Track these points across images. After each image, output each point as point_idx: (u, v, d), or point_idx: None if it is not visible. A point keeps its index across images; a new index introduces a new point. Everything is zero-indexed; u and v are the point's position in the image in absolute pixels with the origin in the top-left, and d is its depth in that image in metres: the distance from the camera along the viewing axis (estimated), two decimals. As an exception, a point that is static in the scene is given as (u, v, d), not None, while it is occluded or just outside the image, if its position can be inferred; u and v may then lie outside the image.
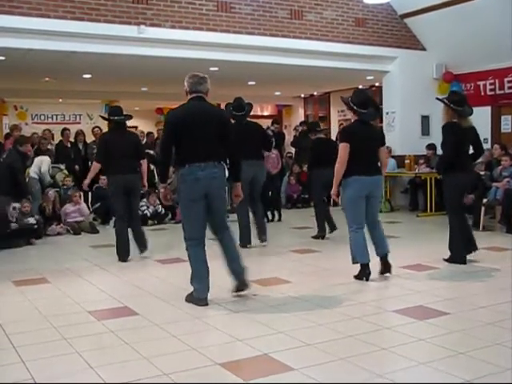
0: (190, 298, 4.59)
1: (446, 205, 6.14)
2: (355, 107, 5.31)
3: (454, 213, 5.96)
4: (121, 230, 6.48)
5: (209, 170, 4.45)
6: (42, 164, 9.09)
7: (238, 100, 7.11)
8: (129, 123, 6.94)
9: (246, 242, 7.05)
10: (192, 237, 4.56)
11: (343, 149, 5.23)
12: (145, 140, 10.96)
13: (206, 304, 4.51)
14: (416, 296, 4.75)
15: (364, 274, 5.27)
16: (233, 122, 6.45)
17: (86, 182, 7.10)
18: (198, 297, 4.53)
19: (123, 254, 6.43)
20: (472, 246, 5.96)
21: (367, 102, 5.39)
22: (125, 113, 6.71)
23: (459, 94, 6.44)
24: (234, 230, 7.14)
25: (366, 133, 5.34)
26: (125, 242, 6.45)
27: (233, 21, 9.16)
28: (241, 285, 4.68)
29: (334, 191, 5.36)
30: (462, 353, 3.39)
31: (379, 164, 5.50)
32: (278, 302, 4.63)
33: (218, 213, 4.63)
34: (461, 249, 5.88)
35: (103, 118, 7.28)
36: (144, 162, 6.80)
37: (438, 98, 6.19)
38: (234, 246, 4.74)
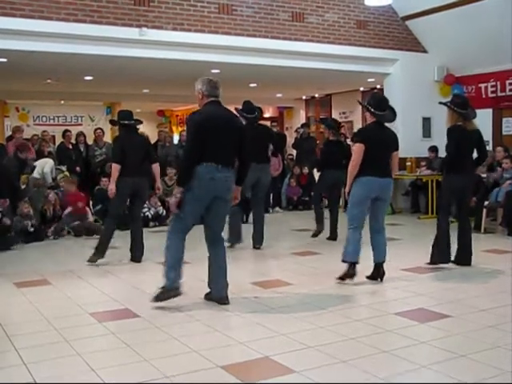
0: (164, 295, 4.48)
1: (438, 204, 6.12)
2: (372, 109, 5.27)
3: (443, 214, 5.95)
4: (109, 229, 6.48)
5: (224, 174, 4.47)
6: (45, 165, 9.14)
7: (247, 103, 7.14)
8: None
9: (235, 241, 7.07)
10: (182, 229, 4.54)
11: (358, 149, 5.19)
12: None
13: (180, 293, 4.49)
14: (417, 298, 4.75)
15: (348, 275, 5.24)
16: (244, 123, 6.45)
17: (111, 187, 6.44)
18: (172, 287, 4.47)
19: (101, 253, 6.39)
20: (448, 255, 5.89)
21: (384, 104, 5.36)
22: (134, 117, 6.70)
23: (462, 97, 6.43)
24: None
25: (381, 135, 5.30)
26: (108, 241, 6.45)
27: (234, 23, 9.17)
28: (222, 299, 4.62)
29: (347, 190, 5.34)
30: (463, 355, 3.39)
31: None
32: (279, 304, 4.63)
33: (219, 219, 4.64)
34: (445, 249, 5.83)
35: (113, 122, 7.20)
36: (156, 166, 6.77)
37: (441, 103, 6.15)
38: (225, 260, 4.69)
